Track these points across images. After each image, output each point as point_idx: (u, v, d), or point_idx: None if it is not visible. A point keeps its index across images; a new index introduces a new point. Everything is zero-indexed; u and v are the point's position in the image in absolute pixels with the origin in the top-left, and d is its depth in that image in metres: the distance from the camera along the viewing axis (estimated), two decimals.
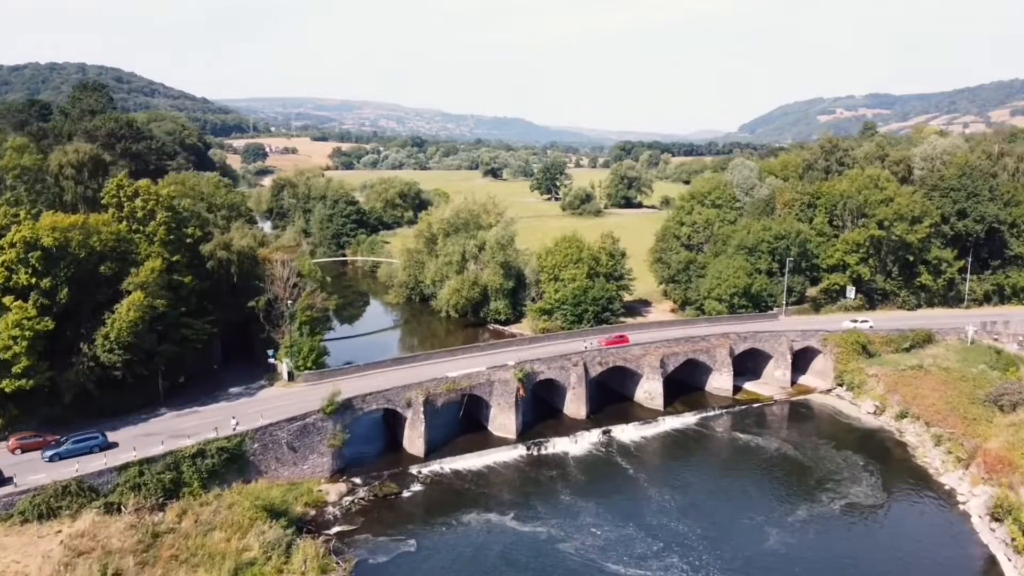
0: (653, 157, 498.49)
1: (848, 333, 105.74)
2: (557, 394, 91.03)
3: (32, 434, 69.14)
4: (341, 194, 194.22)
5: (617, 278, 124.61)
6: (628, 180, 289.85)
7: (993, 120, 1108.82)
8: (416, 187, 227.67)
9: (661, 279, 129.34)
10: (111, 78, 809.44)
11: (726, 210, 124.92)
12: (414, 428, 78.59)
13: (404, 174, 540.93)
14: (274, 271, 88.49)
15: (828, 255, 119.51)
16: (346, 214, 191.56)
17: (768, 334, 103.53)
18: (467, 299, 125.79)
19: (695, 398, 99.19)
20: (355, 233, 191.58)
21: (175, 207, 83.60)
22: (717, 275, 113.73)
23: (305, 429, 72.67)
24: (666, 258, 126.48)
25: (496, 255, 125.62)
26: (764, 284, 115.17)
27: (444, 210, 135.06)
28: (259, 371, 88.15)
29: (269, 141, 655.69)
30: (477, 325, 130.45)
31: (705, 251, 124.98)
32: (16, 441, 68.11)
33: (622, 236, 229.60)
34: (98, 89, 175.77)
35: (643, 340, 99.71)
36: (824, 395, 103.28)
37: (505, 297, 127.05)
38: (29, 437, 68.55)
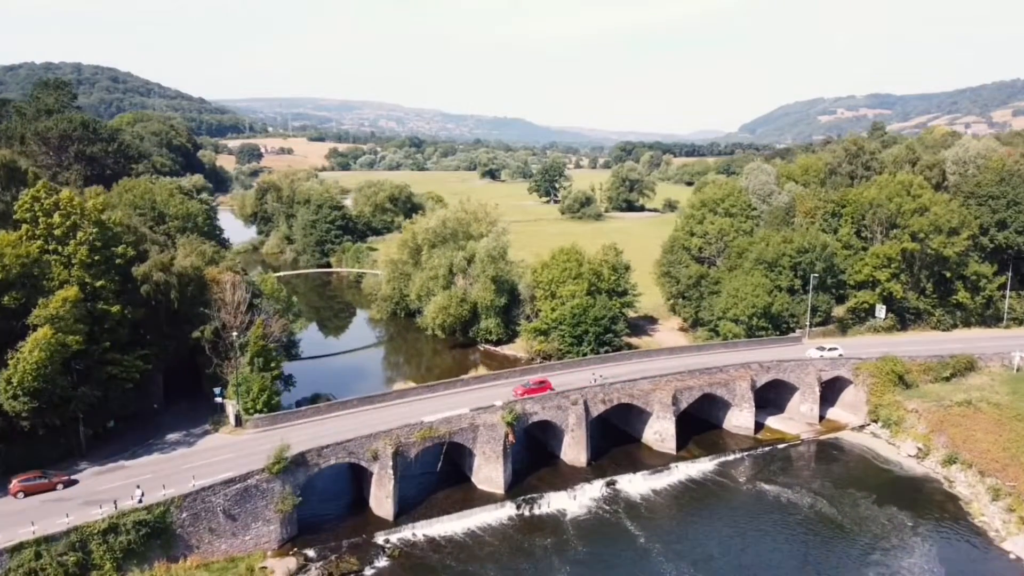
0: (655, 158, 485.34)
1: (883, 360, 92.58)
2: (553, 436, 77.87)
3: (37, 474, 58.87)
4: (325, 199, 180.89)
5: (620, 294, 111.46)
6: (630, 182, 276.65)
7: (995, 120, 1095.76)
8: (407, 190, 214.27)
9: (669, 295, 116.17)
10: (107, 78, 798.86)
11: (741, 219, 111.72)
12: (382, 486, 65.40)
13: (400, 175, 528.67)
14: (223, 294, 75.28)
15: (856, 270, 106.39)
16: (330, 220, 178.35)
17: (794, 363, 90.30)
18: (455, 317, 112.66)
19: (712, 438, 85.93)
20: (340, 240, 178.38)
21: (104, 222, 70.50)
22: (733, 293, 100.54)
23: (247, 492, 59.51)
24: (675, 272, 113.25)
25: (487, 269, 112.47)
26: (785, 303, 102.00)
27: (430, 218, 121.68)
28: (206, 412, 75.05)
29: (265, 142, 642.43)
30: (466, 345, 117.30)
31: (718, 265, 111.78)
32: (19, 484, 57.81)
33: (624, 242, 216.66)
34: (60, 87, 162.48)
35: (651, 370, 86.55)
36: (857, 432, 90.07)
37: (497, 315, 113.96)
38: (34, 478, 58.42)
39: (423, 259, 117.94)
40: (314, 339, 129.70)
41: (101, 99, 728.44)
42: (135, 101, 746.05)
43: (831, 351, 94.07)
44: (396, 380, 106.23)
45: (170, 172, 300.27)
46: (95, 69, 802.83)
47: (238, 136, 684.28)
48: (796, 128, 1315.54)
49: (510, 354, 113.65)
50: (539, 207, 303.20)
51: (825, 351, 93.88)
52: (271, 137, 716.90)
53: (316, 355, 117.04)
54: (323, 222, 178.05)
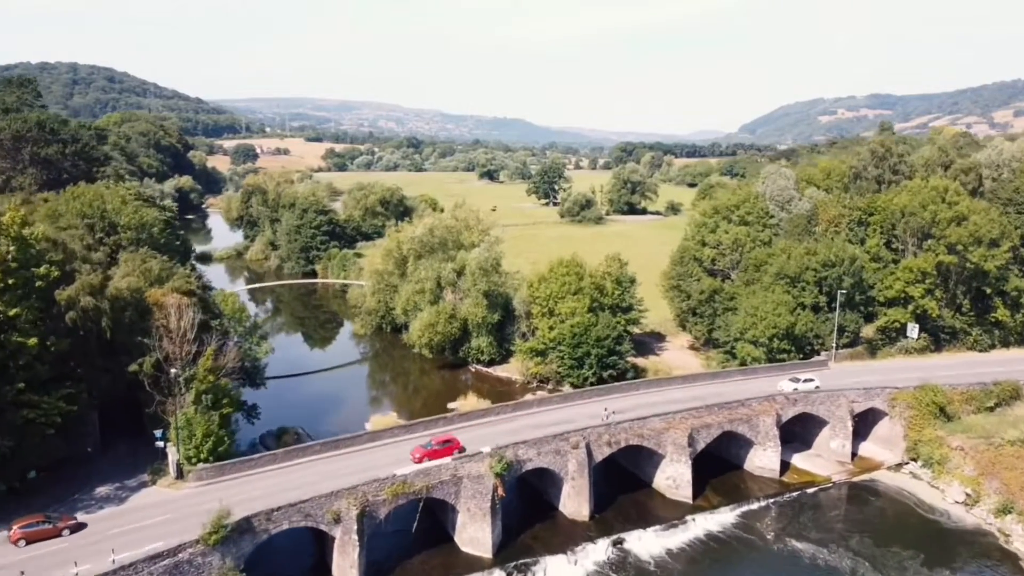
0: (656, 159, 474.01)
1: (922, 390, 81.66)
2: (552, 483, 66.90)
3: (39, 518, 51.05)
4: (311, 203, 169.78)
5: (625, 310, 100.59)
6: (631, 184, 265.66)
7: (996, 121, 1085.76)
8: (399, 193, 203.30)
9: (679, 310, 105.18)
10: (103, 78, 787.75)
11: (758, 228, 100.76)
12: (345, 554, 54.46)
13: (398, 176, 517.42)
14: (167, 320, 64.29)
15: (886, 286, 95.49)
16: (315, 225, 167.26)
17: (824, 394, 79.34)
18: (443, 335, 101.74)
19: (732, 481, 74.92)
20: (326, 246, 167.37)
21: (26, 238, 59.65)
22: (752, 312, 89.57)
23: (177, 570, 48.63)
24: (685, 286, 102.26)
25: (478, 282, 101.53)
26: (810, 322, 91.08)
27: (416, 226, 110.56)
28: (148, 456, 64.06)
29: (261, 142, 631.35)
30: (456, 365, 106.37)
31: (733, 278, 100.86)
32: (19, 531, 49.85)
33: (626, 247, 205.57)
34: (24, 84, 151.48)
35: (662, 403, 75.64)
36: (894, 473, 79.14)
37: (489, 333, 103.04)
38: (36, 523, 50.54)
39: (409, 271, 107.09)
40: (293, 354, 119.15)
41: (96, 99, 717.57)
42: (131, 101, 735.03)
43: (807, 383, 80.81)
44: (378, 405, 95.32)
45: (157, 173, 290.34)
46: (91, 69, 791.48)
47: (234, 136, 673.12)
48: (796, 128, 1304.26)
49: (504, 376, 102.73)
50: (538, 209, 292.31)
51: (800, 383, 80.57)
52: (268, 137, 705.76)
53: (293, 373, 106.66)
54: (308, 227, 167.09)
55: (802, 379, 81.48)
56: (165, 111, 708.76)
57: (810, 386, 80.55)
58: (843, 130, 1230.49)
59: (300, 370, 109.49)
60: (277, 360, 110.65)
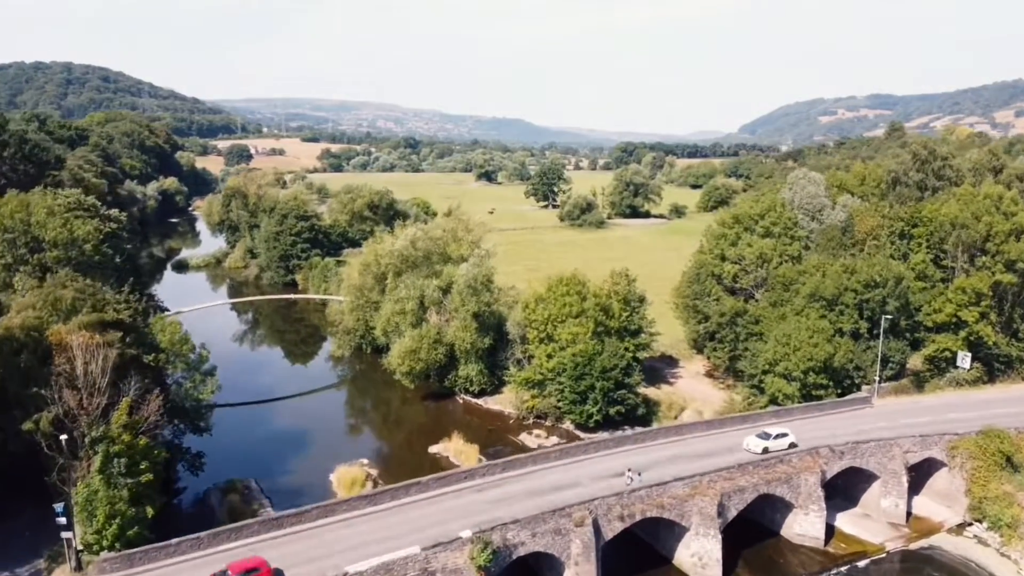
0: (657, 159, 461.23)
1: (985, 437, 68.61)
2: (549, 568, 53.64)
3: None
4: (291, 207, 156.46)
5: (634, 333, 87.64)
6: (634, 187, 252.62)
7: (998, 121, 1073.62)
8: (388, 197, 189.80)
9: (695, 333, 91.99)
10: (98, 77, 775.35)
11: (786, 241, 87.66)
12: None
13: (394, 177, 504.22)
14: (72, 365, 51.23)
15: (935, 308, 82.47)
16: (295, 232, 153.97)
17: (874, 444, 66.15)
18: (426, 363, 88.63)
19: (768, 553, 61.62)
20: (307, 254, 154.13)
21: None
22: (784, 340, 76.45)
23: None
24: (703, 306, 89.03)
25: (467, 302, 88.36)
26: (849, 351, 78.03)
27: (397, 237, 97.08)
28: (51, 533, 51.01)
29: (256, 142, 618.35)
30: (442, 395, 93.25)
31: (758, 299, 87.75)
32: None
33: (630, 254, 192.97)
34: None
35: (683, 457, 62.54)
36: (956, 536, 65.94)
37: (479, 360, 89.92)
38: None
39: (388, 288, 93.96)
40: (264, 377, 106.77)
41: (91, 99, 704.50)
42: (125, 101, 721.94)
43: (778, 439, 64.15)
44: (350, 446, 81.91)
45: (140, 175, 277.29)
46: (86, 68, 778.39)
47: (229, 136, 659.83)
48: (796, 129, 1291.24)
49: (496, 409, 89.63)
50: (536, 212, 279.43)
51: (771, 440, 63.81)
52: (264, 137, 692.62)
53: (260, 400, 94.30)
54: (287, 235, 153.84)
55: (773, 435, 64.45)
56: (160, 111, 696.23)
57: (783, 443, 63.96)
58: (843, 130, 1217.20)
59: (270, 395, 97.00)
60: (246, 384, 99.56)
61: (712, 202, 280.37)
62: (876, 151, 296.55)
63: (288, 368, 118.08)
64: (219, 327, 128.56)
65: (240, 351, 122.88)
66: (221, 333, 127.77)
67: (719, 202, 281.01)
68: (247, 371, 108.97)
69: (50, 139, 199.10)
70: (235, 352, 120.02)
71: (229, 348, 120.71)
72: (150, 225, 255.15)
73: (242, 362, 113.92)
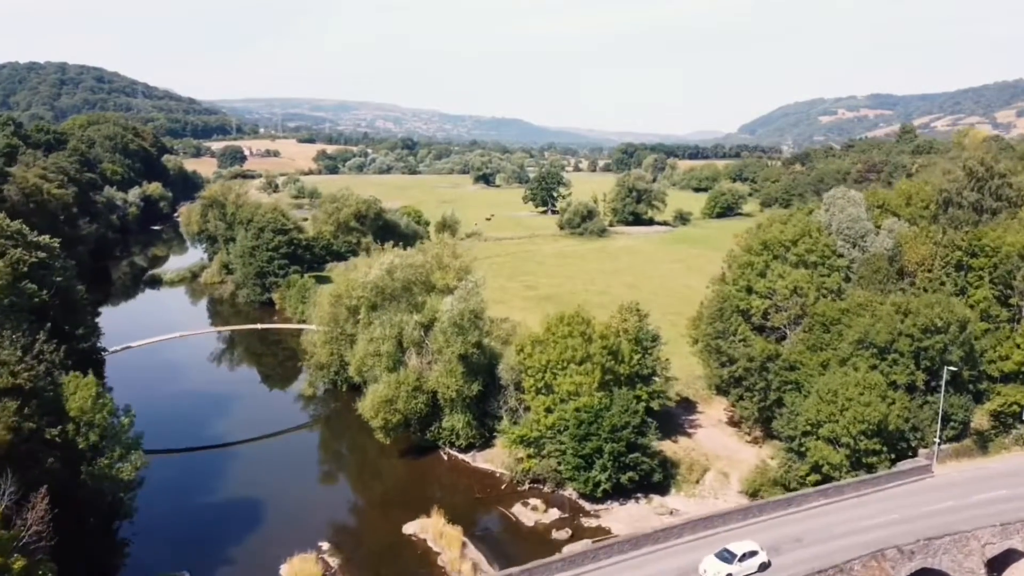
0: (658, 162, 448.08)
1: None
2: None
3: None
4: (268, 220, 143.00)
5: (646, 377, 74.63)
6: (636, 193, 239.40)
7: (999, 121, 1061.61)
8: (376, 206, 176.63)
9: (719, 378, 78.71)
10: (92, 78, 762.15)
11: (824, 272, 74.53)
12: None
13: (391, 179, 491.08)
14: None
15: (1001, 355, 69.35)
16: (273, 247, 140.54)
17: (948, 540, 52.95)
18: (404, 414, 75.42)
19: None
20: (285, 271, 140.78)
21: None
22: (831, 398, 63.21)
23: None
24: (727, 347, 75.74)
25: (452, 343, 75.00)
26: (904, 408, 64.84)
27: (373, 264, 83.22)
28: None
29: (251, 143, 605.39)
30: (425, 449, 79.96)
31: (792, 338, 74.53)
32: None
33: (634, 266, 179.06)
34: None
35: (709, 548, 49.31)
36: None
37: (466, 410, 76.63)
38: None
39: (361, 325, 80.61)
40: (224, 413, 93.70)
41: (84, 99, 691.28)
42: (120, 101, 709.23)
43: (746, 559, 47.90)
44: (309, 518, 68.33)
45: (123, 181, 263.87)
46: (80, 69, 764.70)
47: (224, 138, 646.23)
48: (796, 129, 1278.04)
49: (486, 468, 76.26)
50: (535, 219, 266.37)
51: (735, 562, 47.47)
52: (259, 138, 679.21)
53: (214, 444, 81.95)
54: (264, 249, 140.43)
55: (740, 553, 48.09)
56: (154, 111, 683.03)
57: (751, 565, 48.00)
58: (844, 130, 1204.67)
59: (226, 438, 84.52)
60: (200, 424, 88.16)
61: (718, 208, 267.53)
62: (888, 154, 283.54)
63: (254, 403, 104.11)
64: (182, 352, 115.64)
65: (201, 381, 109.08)
66: (182, 360, 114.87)
67: (726, 208, 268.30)
68: (204, 407, 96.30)
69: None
70: (195, 383, 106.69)
71: (188, 378, 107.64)
72: (132, 233, 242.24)
73: (200, 396, 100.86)
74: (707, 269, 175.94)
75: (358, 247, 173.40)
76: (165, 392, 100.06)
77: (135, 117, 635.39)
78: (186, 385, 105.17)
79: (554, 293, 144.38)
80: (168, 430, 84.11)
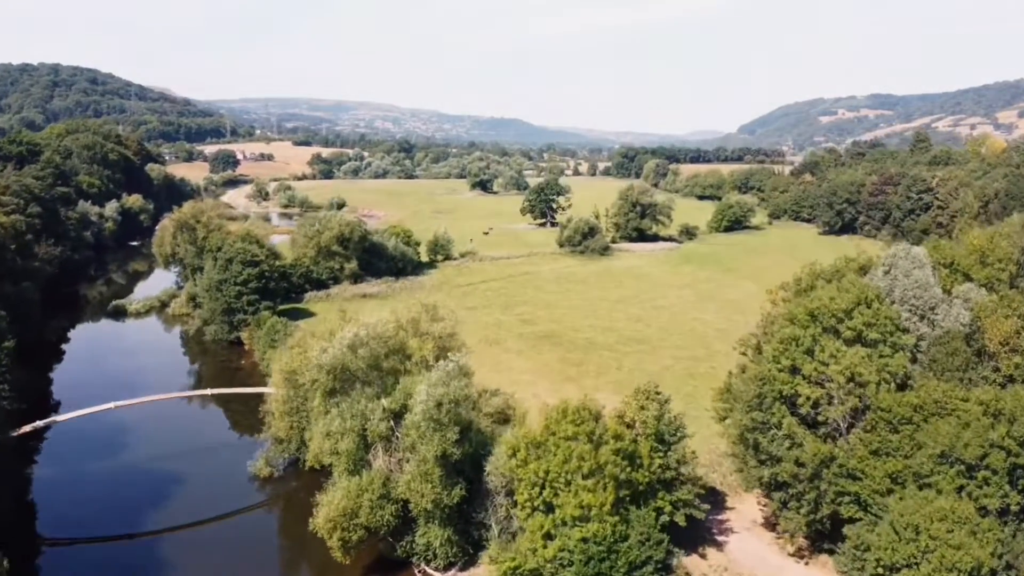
0: (660, 167, 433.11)
1: None
2: None
3: None
4: (238, 250, 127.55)
5: (668, 483, 59.78)
6: (641, 207, 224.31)
7: (1001, 122, 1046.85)
8: (360, 229, 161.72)
9: (757, 480, 63.69)
10: (85, 80, 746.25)
11: (886, 352, 59.69)
12: None
13: (387, 184, 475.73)
14: None
15: None
16: (241, 280, 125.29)
17: None
18: (367, 528, 60.44)
19: None
20: (255, 307, 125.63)
21: None
22: (910, 535, 48.31)
23: None
24: (768, 444, 60.71)
25: (428, 440, 59.83)
26: (997, 541, 50.01)
27: (335, 335, 67.79)
28: None
29: (245, 147, 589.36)
30: (394, 566, 64.91)
31: (848, 438, 59.45)
32: None
33: (641, 291, 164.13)
34: None
35: None
36: None
37: (445, 523, 61.61)
38: None
39: (314, 417, 65.53)
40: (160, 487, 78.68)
41: (77, 101, 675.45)
42: (113, 104, 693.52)
43: None
44: None
45: (100, 193, 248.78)
46: (74, 70, 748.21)
47: (217, 141, 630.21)
48: (796, 129, 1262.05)
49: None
50: (533, 233, 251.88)
51: None
52: (254, 141, 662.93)
53: (135, 533, 67.87)
54: (232, 283, 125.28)
55: None
56: (148, 114, 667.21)
57: None
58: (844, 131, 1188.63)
59: (153, 524, 70.11)
60: (126, 502, 75.20)
61: (725, 221, 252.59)
62: (903, 164, 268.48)
63: (200, 474, 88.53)
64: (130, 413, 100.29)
65: (142, 450, 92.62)
66: (127, 422, 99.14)
67: (733, 221, 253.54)
68: (138, 480, 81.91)
69: None
70: (135, 453, 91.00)
71: (128, 446, 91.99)
72: (108, 250, 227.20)
73: (140, 468, 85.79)
74: (718, 296, 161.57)
75: (341, 273, 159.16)
76: (97, 467, 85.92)
77: (128, 120, 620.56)
78: (125, 455, 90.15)
79: (554, 330, 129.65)
80: (94, 512, 73.75)
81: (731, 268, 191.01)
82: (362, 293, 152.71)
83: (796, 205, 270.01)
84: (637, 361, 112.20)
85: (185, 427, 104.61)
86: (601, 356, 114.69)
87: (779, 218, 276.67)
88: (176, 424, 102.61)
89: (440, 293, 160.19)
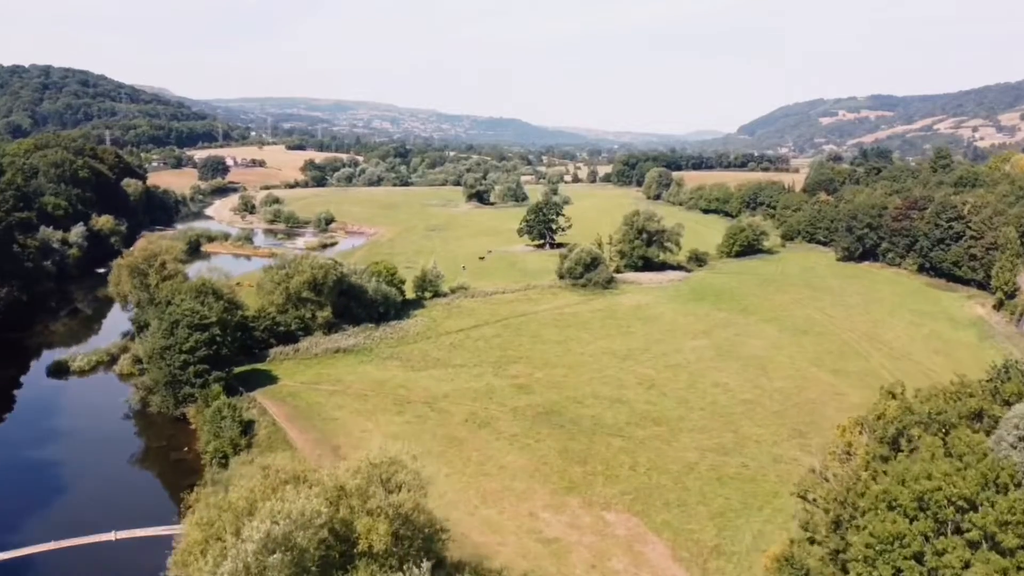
0: (663, 177, 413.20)
1: None
2: None
3: None
4: (185, 312, 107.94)
5: None
6: (647, 235, 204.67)
7: (1003, 124, 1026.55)
8: (336, 271, 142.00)
9: None
10: (76, 82, 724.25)
11: (1017, 543, 40.61)
12: None
13: (380, 192, 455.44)
14: None
15: None
16: (188, 348, 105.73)
17: None
18: None
19: None
20: (204, 378, 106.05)
21: None
22: None
23: None
24: None
25: None
26: None
27: (282, 506, 48.23)
28: None
29: (237, 151, 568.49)
30: None
31: None
32: None
33: (650, 343, 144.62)
34: None
35: None
36: None
37: None
38: None
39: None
40: None
41: (67, 104, 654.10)
42: (104, 106, 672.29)
43: None
44: None
45: (67, 215, 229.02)
46: (65, 72, 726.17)
47: (208, 145, 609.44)
48: (797, 130, 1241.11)
49: None
50: (532, 256, 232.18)
51: None
52: (247, 144, 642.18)
53: None
54: (177, 351, 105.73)
55: None
56: (139, 117, 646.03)
57: None
58: (844, 132, 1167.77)
59: None
60: None
61: (737, 246, 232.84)
62: (925, 185, 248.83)
63: None
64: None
65: None
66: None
67: (746, 246, 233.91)
68: None
69: None
70: None
71: None
72: (72, 280, 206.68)
73: None
74: (739, 350, 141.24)
75: (312, 322, 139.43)
76: None
77: (117, 124, 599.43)
78: None
79: (554, 403, 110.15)
80: None
81: (748, 308, 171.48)
82: (336, 347, 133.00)
83: (811, 226, 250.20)
84: (655, 455, 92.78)
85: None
86: (610, 447, 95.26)
87: (793, 239, 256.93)
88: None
89: (426, 343, 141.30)
